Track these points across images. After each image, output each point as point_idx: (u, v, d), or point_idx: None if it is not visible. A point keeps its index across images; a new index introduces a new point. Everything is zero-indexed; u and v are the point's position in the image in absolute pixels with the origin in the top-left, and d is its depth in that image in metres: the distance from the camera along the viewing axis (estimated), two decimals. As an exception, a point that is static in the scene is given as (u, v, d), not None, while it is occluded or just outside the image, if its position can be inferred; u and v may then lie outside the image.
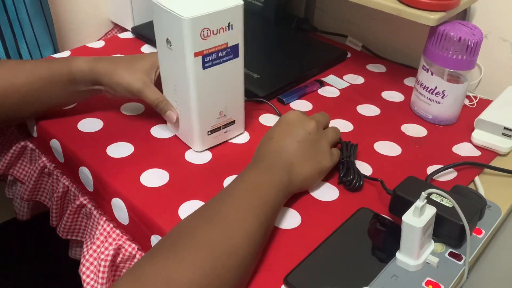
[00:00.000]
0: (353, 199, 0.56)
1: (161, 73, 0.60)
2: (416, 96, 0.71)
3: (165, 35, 0.55)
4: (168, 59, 0.57)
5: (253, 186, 0.48)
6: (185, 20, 0.51)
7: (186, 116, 0.59)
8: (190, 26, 0.51)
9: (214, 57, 0.55)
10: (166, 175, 0.58)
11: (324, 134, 0.57)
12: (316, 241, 0.49)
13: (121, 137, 0.64)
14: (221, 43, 0.55)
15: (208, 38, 0.53)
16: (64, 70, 0.62)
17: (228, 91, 0.60)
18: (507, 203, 0.56)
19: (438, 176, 0.59)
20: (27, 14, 0.82)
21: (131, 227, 0.56)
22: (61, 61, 0.63)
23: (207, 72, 0.56)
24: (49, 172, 0.68)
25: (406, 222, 0.44)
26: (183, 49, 0.53)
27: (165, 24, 0.54)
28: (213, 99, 0.59)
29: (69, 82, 0.63)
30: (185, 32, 0.52)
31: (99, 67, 0.62)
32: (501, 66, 0.78)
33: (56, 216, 0.68)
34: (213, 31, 0.53)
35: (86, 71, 0.62)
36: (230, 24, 0.54)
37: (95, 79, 0.63)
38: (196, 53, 0.53)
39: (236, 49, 0.57)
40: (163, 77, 0.60)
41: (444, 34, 0.64)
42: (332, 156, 0.56)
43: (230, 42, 0.56)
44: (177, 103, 0.60)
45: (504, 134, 0.64)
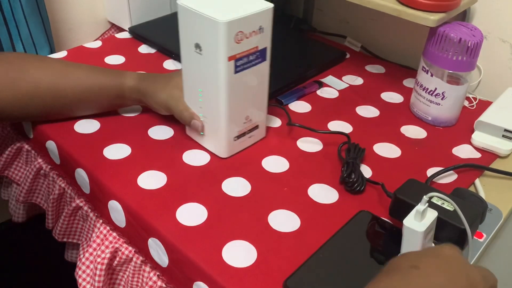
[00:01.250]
0: (352, 201, 0.55)
1: (185, 79, 0.59)
2: (415, 97, 0.71)
3: (194, 39, 0.53)
4: (196, 64, 0.55)
5: None
6: (221, 24, 0.50)
7: (214, 122, 0.58)
8: (226, 29, 0.50)
9: (245, 61, 0.54)
10: (163, 177, 0.57)
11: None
12: (316, 244, 0.49)
13: (118, 139, 0.63)
14: (252, 47, 0.54)
15: (241, 42, 0.52)
16: (114, 86, 0.63)
17: (255, 95, 0.59)
18: (508, 206, 0.56)
19: (438, 178, 0.59)
20: (23, 14, 0.81)
21: (128, 230, 0.55)
22: (112, 75, 0.64)
23: (238, 77, 0.55)
24: (45, 173, 0.68)
25: (407, 226, 0.43)
26: (216, 53, 0.52)
27: (195, 28, 0.53)
28: (241, 104, 0.58)
29: (117, 97, 0.64)
30: (220, 35, 0.50)
31: (143, 88, 0.63)
32: (501, 67, 0.77)
33: (52, 218, 0.67)
34: (246, 35, 0.52)
35: (134, 90, 0.63)
36: (261, 28, 0.54)
37: (139, 99, 0.64)
38: (230, 57, 0.52)
39: (265, 53, 0.57)
40: (187, 83, 0.59)
41: (444, 35, 0.64)
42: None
43: (260, 45, 0.55)
44: (202, 109, 0.59)
45: (504, 136, 0.64)
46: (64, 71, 0.62)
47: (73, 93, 0.62)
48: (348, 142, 0.61)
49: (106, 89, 0.63)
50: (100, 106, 0.65)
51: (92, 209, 0.61)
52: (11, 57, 0.61)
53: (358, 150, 0.60)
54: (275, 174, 0.59)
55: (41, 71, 0.61)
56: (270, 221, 0.52)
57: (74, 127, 0.65)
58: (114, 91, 0.63)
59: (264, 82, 0.59)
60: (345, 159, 0.58)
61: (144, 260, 0.56)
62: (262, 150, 0.63)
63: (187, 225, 0.51)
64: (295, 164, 0.60)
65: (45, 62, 0.63)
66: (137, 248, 0.56)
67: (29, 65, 0.61)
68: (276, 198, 0.55)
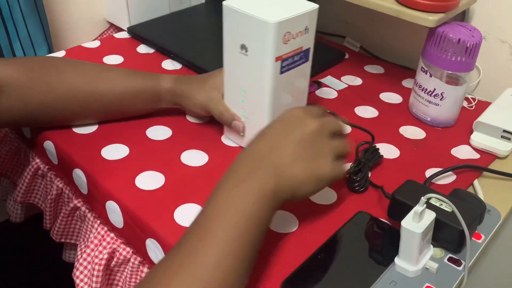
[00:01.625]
0: (351, 202, 0.55)
1: (227, 80, 0.59)
2: (414, 98, 0.71)
3: (241, 40, 0.54)
4: (241, 65, 0.55)
5: (227, 210, 0.41)
6: (271, 24, 0.50)
7: (255, 123, 0.58)
8: (275, 30, 0.50)
9: (290, 61, 0.55)
10: (161, 177, 0.57)
11: (328, 141, 0.47)
12: (314, 245, 0.49)
13: (116, 139, 0.63)
14: (298, 47, 0.54)
15: (288, 42, 0.52)
16: (150, 88, 0.63)
17: (296, 95, 0.60)
18: (506, 207, 0.56)
19: (437, 179, 0.59)
20: (21, 13, 0.81)
21: (125, 230, 0.55)
22: (148, 78, 0.64)
23: (283, 77, 0.55)
24: (42, 174, 0.67)
25: (405, 228, 0.43)
26: (264, 53, 0.52)
27: (242, 29, 0.53)
28: (283, 104, 0.57)
29: (153, 99, 0.64)
30: (270, 36, 0.51)
31: (179, 90, 0.63)
32: (500, 67, 0.77)
33: (49, 218, 0.67)
34: (293, 35, 0.53)
35: (170, 92, 0.63)
36: (307, 28, 0.54)
37: (175, 101, 0.64)
38: (277, 57, 0.52)
39: (308, 53, 0.57)
40: (229, 84, 0.59)
41: (443, 35, 0.63)
42: (334, 166, 0.47)
43: (304, 46, 0.55)
44: (244, 110, 0.59)
45: (503, 137, 0.64)
46: (100, 74, 0.62)
47: (109, 95, 0.62)
48: (370, 143, 0.61)
49: (142, 92, 0.63)
50: (136, 109, 0.65)
51: (89, 210, 0.61)
52: (47, 61, 0.62)
53: (376, 154, 0.60)
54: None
55: (77, 75, 0.61)
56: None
57: (72, 127, 0.65)
58: (150, 93, 0.63)
59: (305, 83, 0.60)
60: (359, 157, 0.58)
61: (142, 261, 0.55)
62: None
63: (185, 226, 0.51)
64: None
65: (80, 66, 0.63)
66: (135, 249, 0.56)
67: (65, 68, 0.61)
68: (274, 199, 0.55)
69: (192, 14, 0.97)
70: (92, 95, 0.61)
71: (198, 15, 0.98)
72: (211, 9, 1.00)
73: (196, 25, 0.94)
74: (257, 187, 0.42)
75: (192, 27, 0.92)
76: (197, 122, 0.67)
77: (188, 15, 0.97)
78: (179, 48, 0.83)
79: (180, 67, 0.81)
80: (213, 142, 0.63)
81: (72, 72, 0.61)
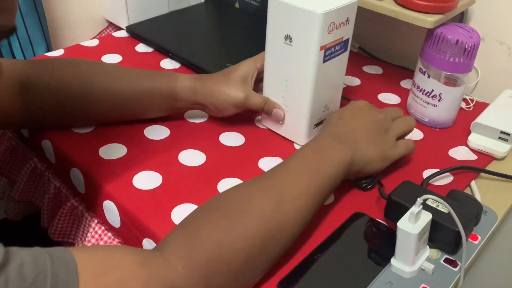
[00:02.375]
0: (347, 203, 0.55)
1: (268, 69, 0.62)
2: (412, 98, 0.71)
3: (285, 31, 0.56)
4: (284, 54, 0.58)
5: (313, 162, 0.49)
6: (318, 15, 0.53)
7: (296, 111, 0.61)
8: (321, 20, 0.53)
9: (332, 50, 0.58)
10: (159, 177, 0.57)
11: (392, 125, 0.57)
12: (310, 245, 0.49)
13: (114, 138, 0.63)
14: (339, 37, 0.57)
15: (332, 32, 0.56)
16: (166, 86, 0.62)
17: (335, 84, 0.63)
18: (503, 208, 0.56)
19: (434, 180, 0.59)
20: (19, 12, 0.81)
21: (122, 230, 0.55)
22: (165, 76, 0.63)
23: (325, 66, 0.58)
24: (40, 173, 0.67)
25: (401, 229, 0.43)
26: (309, 43, 0.55)
27: (288, 19, 0.56)
28: (324, 93, 0.61)
29: (170, 98, 0.63)
30: (316, 26, 0.54)
31: (200, 88, 0.62)
32: (498, 69, 0.77)
33: (47, 217, 0.67)
34: (336, 26, 0.56)
35: (188, 91, 0.62)
36: (348, 19, 0.57)
37: (196, 100, 0.63)
38: (321, 47, 0.55)
39: (347, 43, 0.60)
40: (270, 74, 0.62)
41: (441, 36, 0.63)
42: (396, 147, 0.57)
43: (345, 36, 0.58)
44: (284, 99, 0.62)
45: (500, 138, 0.64)
46: (116, 73, 0.62)
47: (125, 93, 0.61)
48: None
49: (158, 89, 0.62)
50: (153, 109, 0.64)
51: (87, 209, 0.61)
52: (64, 62, 0.63)
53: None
54: (271, 175, 0.59)
55: (93, 73, 0.61)
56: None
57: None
58: (166, 91, 0.62)
59: (343, 72, 0.63)
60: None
61: (139, 261, 0.55)
62: (257, 150, 0.63)
63: (181, 226, 0.51)
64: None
65: (97, 64, 0.64)
66: (132, 248, 0.56)
67: (81, 67, 0.62)
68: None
69: (191, 13, 0.97)
70: (109, 91, 0.61)
71: (197, 14, 0.98)
72: (210, 8, 1.00)
73: (195, 24, 0.94)
74: (337, 155, 0.50)
75: (191, 26, 0.92)
76: (195, 122, 0.67)
77: (187, 14, 0.97)
78: (178, 47, 0.83)
79: (179, 66, 0.81)
80: (211, 142, 0.63)
81: (88, 70, 0.62)
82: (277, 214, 0.44)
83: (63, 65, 0.62)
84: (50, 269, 0.32)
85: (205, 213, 0.44)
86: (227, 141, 0.64)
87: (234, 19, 0.97)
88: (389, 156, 0.56)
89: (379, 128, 0.55)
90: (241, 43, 0.88)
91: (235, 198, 0.45)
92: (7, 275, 0.30)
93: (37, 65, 0.61)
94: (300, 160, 0.50)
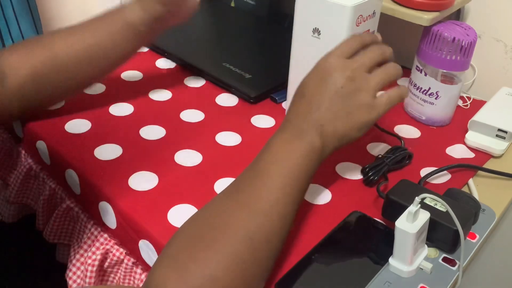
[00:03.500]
0: (345, 202, 0.55)
1: (294, 62, 0.63)
2: (409, 96, 0.70)
3: (313, 24, 0.58)
4: (312, 47, 0.59)
5: (283, 159, 0.46)
6: (347, 8, 0.55)
7: None
8: (351, 13, 0.55)
9: None
10: (155, 178, 0.56)
11: (366, 81, 0.48)
12: (308, 245, 0.48)
13: (110, 139, 0.62)
14: (366, 30, 0.59)
15: (360, 25, 0.57)
16: (121, 26, 0.61)
17: None
18: (501, 206, 0.56)
19: (432, 178, 0.58)
20: (13, 12, 0.80)
21: (119, 231, 0.55)
22: (114, 15, 0.62)
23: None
24: (35, 174, 0.67)
25: (399, 228, 0.43)
26: (338, 36, 0.56)
27: (316, 13, 0.57)
28: None
29: (133, 35, 0.62)
30: (345, 19, 0.55)
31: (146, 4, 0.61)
32: (495, 66, 0.77)
33: (42, 219, 0.66)
34: (364, 18, 0.57)
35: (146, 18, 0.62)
36: (374, 12, 0.59)
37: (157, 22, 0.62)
38: None
39: None
40: (296, 66, 0.63)
41: (438, 34, 0.63)
42: (374, 108, 0.48)
43: (371, 28, 0.60)
44: None
45: (498, 136, 0.64)
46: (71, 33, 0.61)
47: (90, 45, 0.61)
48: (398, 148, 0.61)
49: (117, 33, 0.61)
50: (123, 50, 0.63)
51: (83, 210, 0.61)
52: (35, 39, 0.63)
53: (399, 154, 0.59)
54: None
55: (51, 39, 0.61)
56: (262, 222, 0.51)
57: (65, 127, 0.64)
58: (125, 30, 0.61)
59: None
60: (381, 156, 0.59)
61: (136, 262, 0.55)
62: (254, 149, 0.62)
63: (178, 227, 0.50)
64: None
65: (51, 32, 0.63)
66: (128, 250, 0.55)
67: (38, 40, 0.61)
68: (269, 199, 0.54)
69: (187, 12, 0.97)
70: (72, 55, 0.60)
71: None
72: (206, 7, 1.00)
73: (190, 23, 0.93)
74: (305, 146, 0.47)
75: (187, 25, 0.92)
76: (191, 122, 0.67)
77: (182, 13, 0.96)
78: (174, 46, 0.82)
79: (174, 65, 0.80)
80: (207, 142, 0.63)
81: (49, 36, 0.62)
82: (260, 227, 0.42)
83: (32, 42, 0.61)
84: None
85: (191, 246, 0.41)
86: (224, 141, 0.64)
87: (230, 18, 0.96)
88: (366, 122, 0.48)
89: (345, 95, 0.47)
90: (237, 42, 0.88)
91: (214, 224, 0.42)
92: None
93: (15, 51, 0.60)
94: (270, 159, 0.46)
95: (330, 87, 0.48)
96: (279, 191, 0.44)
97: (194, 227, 0.43)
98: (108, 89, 0.73)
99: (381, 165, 0.57)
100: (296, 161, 0.46)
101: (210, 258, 0.39)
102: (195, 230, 0.42)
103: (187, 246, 0.41)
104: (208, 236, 0.41)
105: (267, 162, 0.46)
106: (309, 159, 0.46)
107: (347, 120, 0.48)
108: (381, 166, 0.57)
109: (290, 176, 0.45)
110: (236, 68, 0.77)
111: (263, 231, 0.42)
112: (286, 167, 0.45)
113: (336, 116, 0.48)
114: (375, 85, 0.49)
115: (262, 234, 0.42)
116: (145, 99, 0.71)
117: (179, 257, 0.40)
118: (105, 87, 0.73)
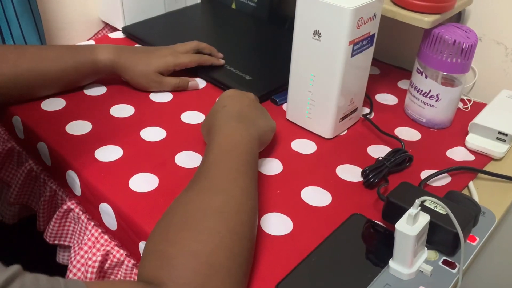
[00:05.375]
0: (345, 204, 0.55)
1: (294, 64, 0.63)
2: (410, 99, 0.71)
3: (314, 26, 0.58)
4: (313, 50, 0.60)
5: (232, 145, 0.51)
6: (348, 10, 0.55)
7: (323, 105, 0.63)
8: (352, 15, 0.55)
9: (360, 45, 0.59)
10: (155, 179, 0.56)
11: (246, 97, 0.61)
12: (308, 248, 0.48)
13: (110, 140, 0.62)
14: (366, 32, 0.59)
15: (360, 27, 0.57)
16: (88, 61, 0.68)
17: (361, 78, 0.64)
18: (501, 209, 0.56)
19: (432, 181, 0.58)
20: (14, 13, 0.80)
21: (119, 233, 0.55)
22: (85, 51, 0.69)
23: (353, 60, 0.59)
24: (36, 175, 0.67)
25: (399, 230, 0.43)
26: (339, 38, 0.57)
27: (317, 15, 0.57)
28: (350, 87, 0.62)
29: (93, 71, 0.70)
30: (346, 21, 0.55)
31: (121, 62, 0.69)
32: (495, 69, 0.77)
33: (43, 220, 0.66)
34: (364, 21, 0.57)
35: (109, 64, 0.69)
36: (375, 14, 0.59)
37: (115, 72, 0.71)
38: (350, 41, 0.57)
39: (373, 38, 0.62)
40: (297, 69, 0.63)
41: (438, 37, 0.63)
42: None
43: (372, 31, 0.60)
44: (311, 93, 0.63)
45: (498, 139, 0.64)
46: (40, 54, 0.66)
47: (52, 71, 0.66)
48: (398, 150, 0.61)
49: (81, 64, 0.68)
50: (81, 81, 0.71)
51: (83, 212, 0.61)
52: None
53: (398, 157, 0.59)
54: (268, 176, 0.58)
55: (19, 56, 0.65)
56: (262, 224, 0.51)
57: (66, 128, 0.64)
58: (89, 66, 0.68)
59: (368, 66, 0.65)
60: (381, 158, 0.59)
61: (136, 264, 0.55)
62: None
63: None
64: (288, 166, 0.60)
65: (22, 47, 0.68)
66: (129, 251, 0.55)
67: (7, 51, 0.65)
68: (269, 201, 0.55)
69: (187, 14, 0.97)
70: (34, 72, 0.65)
71: (193, 15, 0.97)
72: (206, 9, 1.00)
73: (191, 25, 0.94)
74: (248, 134, 0.53)
75: (187, 27, 0.92)
76: (191, 123, 0.67)
77: (183, 15, 0.96)
78: (174, 48, 0.82)
79: (175, 67, 0.80)
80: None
81: (14, 53, 0.65)
82: (226, 202, 0.45)
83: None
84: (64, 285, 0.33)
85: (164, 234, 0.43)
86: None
87: (231, 20, 0.97)
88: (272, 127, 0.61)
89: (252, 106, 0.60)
90: (238, 43, 0.88)
91: (183, 211, 0.45)
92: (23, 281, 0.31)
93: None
94: (220, 148, 0.51)
95: (245, 100, 0.61)
96: (236, 172, 0.48)
97: (164, 221, 0.45)
98: (109, 90, 0.73)
99: (381, 168, 0.57)
100: (243, 146, 0.52)
101: (186, 237, 0.42)
102: (165, 222, 0.45)
103: (162, 237, 0.43)
104: (180, 222, 0.43)
105: (218, 153, 0.51)
106: (253, 143, 0.54)
107: (263, 120, 0.60)
108: (382, 169, 0.57)
109: (241, 159, 0.51)
110: (236, 70, 0.77)
111: (231, 204, 0.45)
112: (235, 152, 0.51)
113: (257, 116, 0.59)
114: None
115: (231, 207, 0.45)
116: (146, 101, 0.71)
117: (158, 248, 0.42)
118: (106, 88, 0.73)
